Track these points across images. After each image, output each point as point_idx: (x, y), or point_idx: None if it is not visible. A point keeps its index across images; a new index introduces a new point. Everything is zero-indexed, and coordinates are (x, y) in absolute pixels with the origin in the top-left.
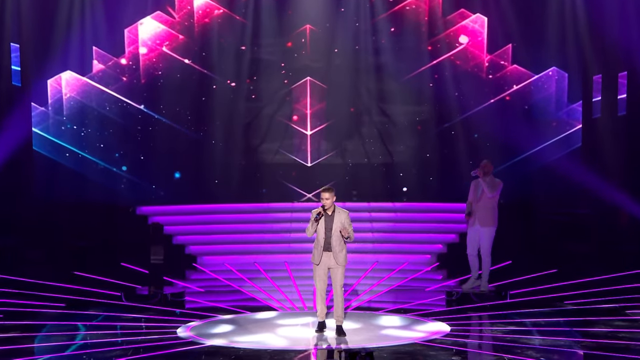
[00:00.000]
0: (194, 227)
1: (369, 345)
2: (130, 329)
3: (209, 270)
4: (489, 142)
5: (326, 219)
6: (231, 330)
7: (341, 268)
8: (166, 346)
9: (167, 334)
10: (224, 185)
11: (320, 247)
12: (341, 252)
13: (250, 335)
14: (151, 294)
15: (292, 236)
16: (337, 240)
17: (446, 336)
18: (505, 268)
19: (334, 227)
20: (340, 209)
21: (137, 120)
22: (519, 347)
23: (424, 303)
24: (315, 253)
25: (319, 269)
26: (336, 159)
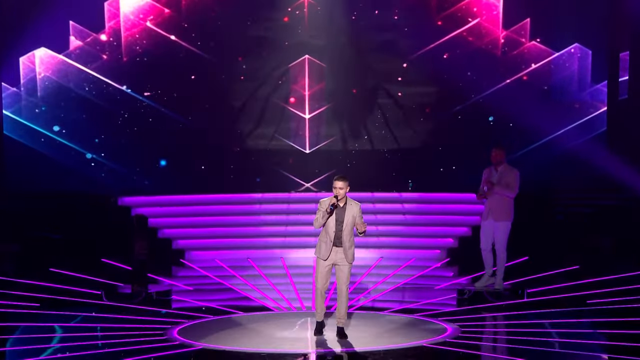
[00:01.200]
0: (182, 220)
1: (372, 348)
2: (111, 331)
3: (198, 266)
4: (505, 127)
5: (337, 211)
6: (222, 332)
7: (349, 266)
8: (151, 349)
9: (152, 335)
10: (214, 173)
11: (329, 241)
12: (351, 249)
13: (243, 338)
14: (134, 292)
15: (288, 229)
16: (348, 235)
17: (457, 338)
18: (522, 264)
19: (346, 221)
20: (352, 201)
21: (118, 102)
22: (537, 350)
23: (432, 302)
24: (323, 247)
25: (323, 264)
26: (337, 145)
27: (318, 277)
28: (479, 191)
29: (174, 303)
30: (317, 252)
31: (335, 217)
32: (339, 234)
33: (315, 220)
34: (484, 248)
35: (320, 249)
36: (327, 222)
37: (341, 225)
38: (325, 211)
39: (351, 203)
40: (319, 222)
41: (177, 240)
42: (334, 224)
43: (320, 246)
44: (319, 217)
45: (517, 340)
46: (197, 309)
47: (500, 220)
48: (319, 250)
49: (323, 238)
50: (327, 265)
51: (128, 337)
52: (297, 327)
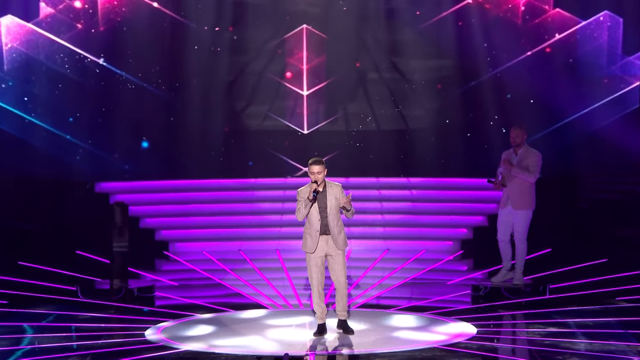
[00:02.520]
0: (166, 208)
1: (377, 350)
2: (87, 331)
3: (184, 259)
4: (525, 104)
5: (318, 197)
6: (211, 332)
7: (342, 253)
8: (132, 352)
9: (133, 336)
10: (201, 157)
11: (315, 231)
12: (340, 234)
13: (234, 338)
14: (114, 288)
15: (284, 219)
16: (335, 220)
17: (472, 339)
18: (544, 257)
19: (329, 205)
20: (331, 183)
21: (95, 76)
22: (561, 353)
23: (444, 300)
24: (309, 240)
25: (314, 257)
26: (338, 125)
27: (312, 273)
28: (496, 177)
29: (157, 300)
30: (304, 246)
31: (317, 204)
32: (324, 221)
33: (297, 212)
34: (502, 239)
35: (306, 242)
36: (310, 211)
37: (325, 211)
38: (307, 199)
39: (331, 185)
40: (302, 212)
41: (161, 230)
42: (317, 212)
43: (305, 239)
44: (301, 208)
45: (538, 341)
46: (182, 307)
47: (520, 208)
48: (305, 244)
49: (307, 230)
50: (319, 258)
51: (106, 337)
52: (294, 327)
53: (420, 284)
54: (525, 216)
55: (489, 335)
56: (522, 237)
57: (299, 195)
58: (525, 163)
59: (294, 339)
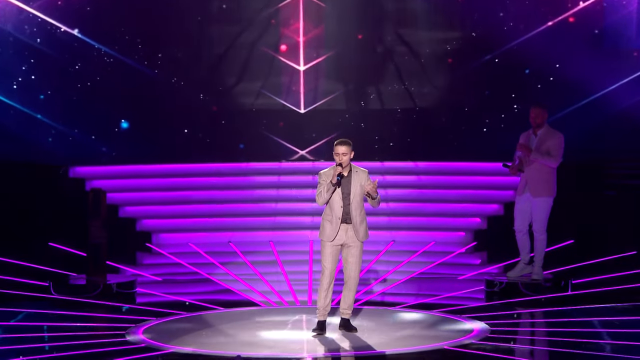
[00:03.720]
0: (148, 195)
1: (382, 351)
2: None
3: (168, 252)
4: (545, 81)
5: (342, 182)
6: (198, 332)
7: (360, 246)
8: (110, 354)
9: (112, 337)
10: (187, 139)
11: (336, 218)
12: (362, 224)
13: (224, 339)
14: (90, 284)
15: (278, 207)
16: (358, 209)
17: (485, 340)
18: (566, 249)
19: (353, 192)
20: (357, 168)
21: (69, 49)
22: (584, 355)
23: (455, 296)
24: (328, 227)
25: (330, 246)
26: (339, 103)
27: (326, 263)
28: (513, 161)
29: (138, 297)
30: (322, 233)
31: (340, 189)
32: (346, 209)
33: (318, 196)
34: (519, 229)
35: (324, 229)
36: (332, 196)
37: (348, 198)
38: (330, 182)
39: (357, 170)
40: (324, 197)
41: (142, 220)
42: (339, 198)
43: (324, 226)
44: (322, 192)
45: (559, 342)
46: (167, 304)
47: (539, 195)
48: (324, 232)
49: (327, 216)
50: (336, 247)
51: (82, 338)
52: (289, 326)
53: (429, 279)
54: (545, 204)
55: (505, 335)
56: (542, 227)
57: (320, 178)
58: (545, 146)
59: (289, 339)
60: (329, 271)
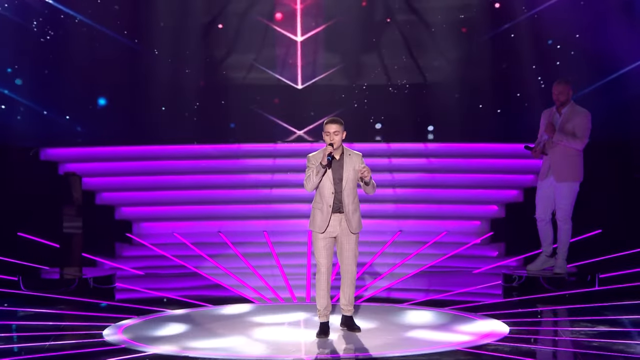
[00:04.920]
0: (128, 180)
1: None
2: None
3: (151, 243)
4: (569, 52)
5: (333, 166)
6: (184, 331)
7: (355, 237)
8: (87, 355)
9: (89, 337)
10: (172, 117)
11: (327, 207)
12: (355, 214)
13: (213, 340)
14: (64, 278)
15: (273, 193)
16: (351, 195)
17: (503, 340)
18: (593, 240)
19: (346, 177)
20: (350, 151)
21: (40, 18)
22: (612, 357)
23: (470, 292)
24: (318, 216)
25: (323, 238)
26: (340, 78)
27: (320, 258)
28: (536, 143)
29: (117, 293)
30: (312, 224)
31: (331, 173)
32: (338, 196)
33: (307, 180)
34: (541, 218)
35: (314, 219)
36: (322, 181)
37: (340, 183)
38: (320, 164)
39: (349, 153)
40: (313, 181)
41: (122, 207)
42: (330, 184)
43: (314, 216)
44: (311, 175)
45: (585, 343)
46: (149, 301)
47: (564, 180)
48: (314, 222)
49: (318, 204)
50: (329, 240)
51: (55, 338)
52: (286, 326)
53: (440, 273)
54: (571, 190)
55: (525, 335)
56: (567, 215)
57: (309, 162)
58: (570, 126)
59: (286, 340)
60: (325, 267)
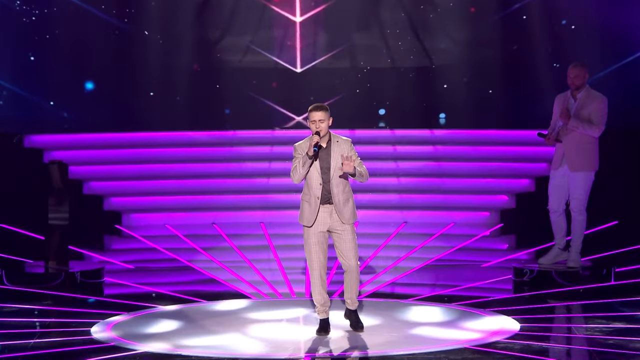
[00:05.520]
0: (118, 168)
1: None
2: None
3: (141, 235)
4: (585, 33)
5: (320, 154)
6: (177, 328)
7: (350, 228)
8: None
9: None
10: (164, 102)
11: (314, 198)
12: (347, 204)
13: (207, 337)
14: (50, 272)
15: (270, 183)
16: (340, 185)
17: (514, 338)
18: (609, 232)
19: (334, 166)
20: (339, 138)
21: None
22: (629, 355)
23: (478, 287)
24: (307, 209)
25: (314, 233)
26: (342, 61)
27: (311, 254)
28: (550, 130)
29: (106, 288)
30: (301, 217)
31: (318, 163)
32: (326, 186)
33: (293, 171)
34: (554, 209)
35: (303, 212)
36: (309, 172)
37: (328, 173)
38: (306, 155)
39: (337, 140)
40: (299, 173)
41: (111, 197)
42: (318, 174)
43: (303, 209)
44: (297, 166)
45: (600, 341)
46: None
47: (579, 169)
48: (302, 215)
49: (305, 196)
50: (320, 234)
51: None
52: (284, 322)
53: (447, 267)
54: (586, 179)
55: (536, 333)
56: (581, 206)
57: (296, 152)
58: (586, 111)
59: (284, 338)
60: (317, 264)
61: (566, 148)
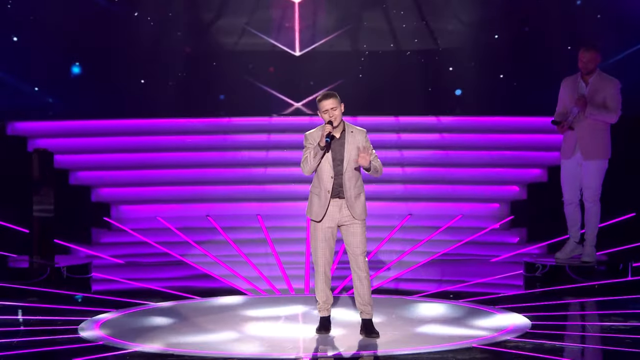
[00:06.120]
0: (106, 157)
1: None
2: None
3: (131, 228)
4: (600, 13)
5: (333, 145)
6: (169, 327)
7: (361, 225)
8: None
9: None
10: (155, 87)
11: (325, 192)
12: (358, 199)
13: (201, 336)
14: (34, 267)
15: (267, 173)
16: (353, 178)
17: (524, 336)
18: (626, 225)
19: (347, 158)
20: (352, 127)
21: None
22: None
23: (487, 283)
24: (316, 202)
25: (322, 228)
26: (343, 44)
27: (317, 249)
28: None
29: (94, 284)
30: (309, 211)
31: (331, 154)
32: (338, 180)
33: (304, 162)
34: (570, 201)
35: (312, 205)
36: (320, 163)
37: (341, 165)
38: (318, 146)
39: (352, 130)
40: (310, 164)
41: (99, 188)
42: (330, 166)
43: (311, 201)
44: (308, 157)
45: (616, 340)
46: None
47: (593, 157)
48: (311, 208)
49: (315, 189)
50: (328, 229)
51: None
52: (282, 320)
53: (454, 262)
54: (600, 168)
55: (548, 331)
56: (596, 195)
57: (306, 141)
58: (600, 96)
59: (282, 337)
60: (322, 261)
61: (579, 136)
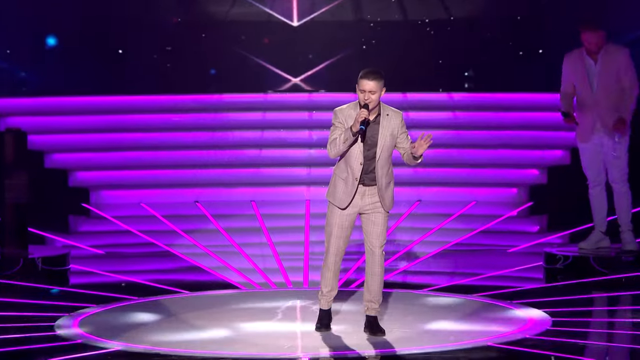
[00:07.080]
0: (84, 138)
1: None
2: None
3: (112, 215)
4: None
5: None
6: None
7: (384, 215)
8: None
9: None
10: (139, 62)
11: (352, 179)
12: (389, 189)
13: (189, 333)
14: (6, 258)
15: (263, 154)
16: (385, 166)
17: (544, 334)
18: None
19: (381, 144)
20: (389, 109)
21: None
22: None
23: (504, 276)
24: (340, 188)
25: (341, 215)
26: (345, 13)
27: (331, 237)
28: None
29: (72, 277)
30: (331, 195)
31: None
32: (369, 166)
33: (331, 144)
34: (596, 183)
35: (335, 190)
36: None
37: (373, 150)
38: (351, 130)
39: (387, 113)
40: (339, 148)
41: (77, 171)
42: (360, 150)
43: (335, 186)
44: (338, 140)
45: None
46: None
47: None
48: (334, 193)
49: (341, 173)
50: (348, 216)
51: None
52: (279, 316)
53: (467, 253)
54: (625, 144)
55: (570, 328)
56: (624, 175)
57: (336, 118)
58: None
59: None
60: (334, 249)
61: (599, 115)
